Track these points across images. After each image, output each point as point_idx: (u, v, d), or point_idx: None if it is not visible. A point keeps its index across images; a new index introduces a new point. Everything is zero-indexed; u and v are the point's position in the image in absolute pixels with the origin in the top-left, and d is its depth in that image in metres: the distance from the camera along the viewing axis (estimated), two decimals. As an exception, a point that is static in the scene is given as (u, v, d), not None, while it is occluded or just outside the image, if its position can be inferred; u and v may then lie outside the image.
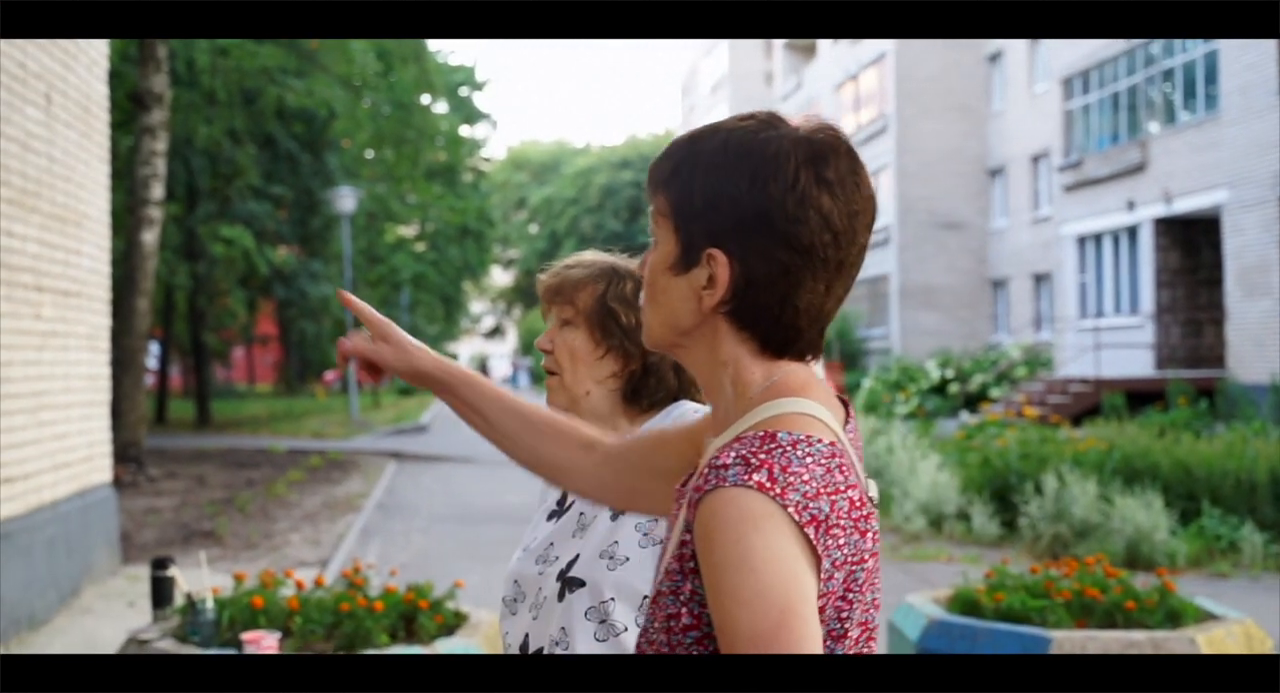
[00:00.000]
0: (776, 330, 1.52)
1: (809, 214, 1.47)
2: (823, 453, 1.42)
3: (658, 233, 1.56)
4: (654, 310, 1.56)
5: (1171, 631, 5.23)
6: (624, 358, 2.52)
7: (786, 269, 1.48)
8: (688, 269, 1.52)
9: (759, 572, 1.34)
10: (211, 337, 31.98)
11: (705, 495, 1.40)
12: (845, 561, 1.41)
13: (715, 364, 1.55)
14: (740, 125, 1.52)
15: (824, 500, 1.39)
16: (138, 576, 9.81)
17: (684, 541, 1.45)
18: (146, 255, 15.99)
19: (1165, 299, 23.39)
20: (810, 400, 1.50)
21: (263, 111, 24.34)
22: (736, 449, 1.41)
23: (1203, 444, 12.08)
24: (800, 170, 1.48)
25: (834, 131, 1.52)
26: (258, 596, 5.25)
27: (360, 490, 15.48)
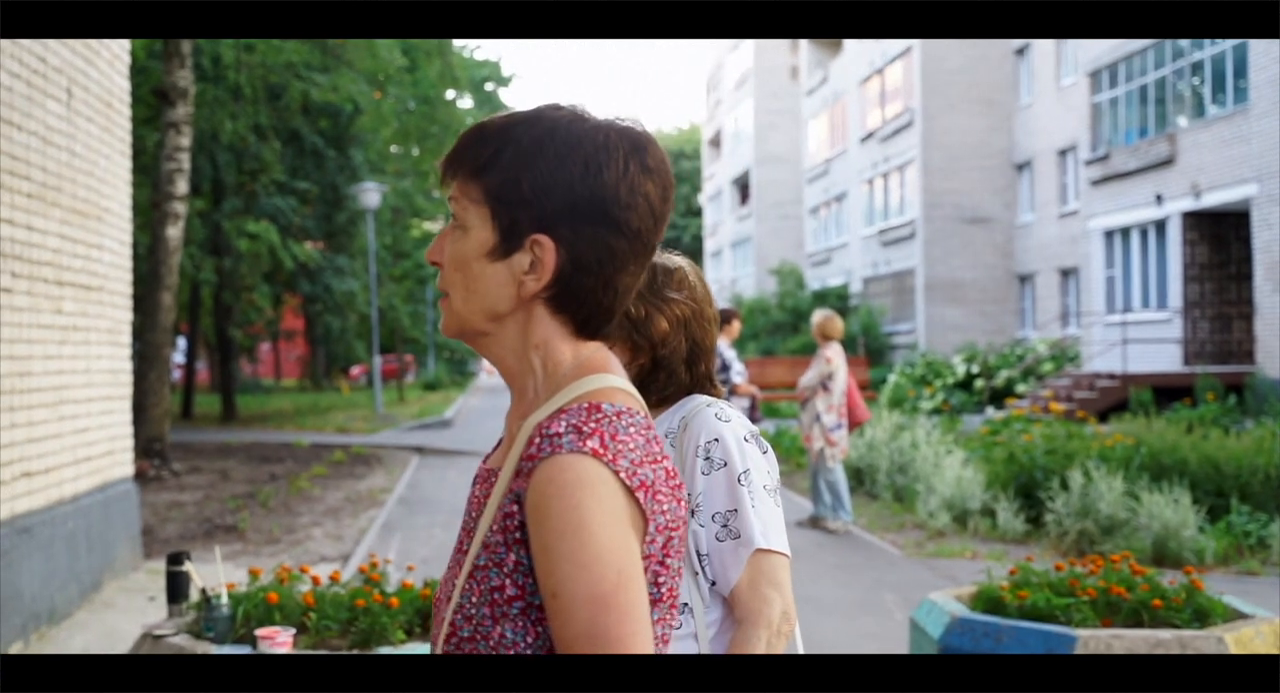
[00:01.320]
0: (596, 313, 1.56)
1: (638, 200, 1.53)
2: (641, 424, 1.49)
3: (464, 218, 1.55)
4: (466, 297, 1.56)
5: (1199, 630, 5.15)
6: (631, 351, 2.49)
7: (614, 253, 1.53)
8: (507, 255, 1.53)
9: (597, 535, 1.38)
10: (237, 332, 32.07)
11: (540, 462, 1.43)
12: (666, 525, 1.48)
13: (526, 347, 1.57)
14: (559, 115, 1.55)
15: (647, 468, 1.45)
16: (159, 570, 9.81)
17: (509, 511, 1.46)
18: (171, 250, 16.01)
19: (1193, 294, 23.20)
20: (618, 377, 1.55)
21: (288, 107, 24.37)
22: (565, 419, 1.45)
23: (1231, 440, 11.94)
24: (629, 159, 1.53)
25: (640, 124, 1.59)
26: (273, 592, 5.22)
27: (383, 485, 15.48)
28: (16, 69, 7.56)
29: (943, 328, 34.57)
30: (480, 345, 1.60)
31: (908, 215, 36.08)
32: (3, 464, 7.29)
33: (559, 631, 1.40)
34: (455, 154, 1.58)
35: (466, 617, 1.50)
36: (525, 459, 1.45)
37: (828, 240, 44.64)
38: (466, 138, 1.58)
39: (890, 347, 36.11)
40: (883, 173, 38.22)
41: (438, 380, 51.74)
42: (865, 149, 39.73)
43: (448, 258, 1.57)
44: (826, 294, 39.79)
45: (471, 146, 1.56)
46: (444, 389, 50.24)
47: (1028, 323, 34.34)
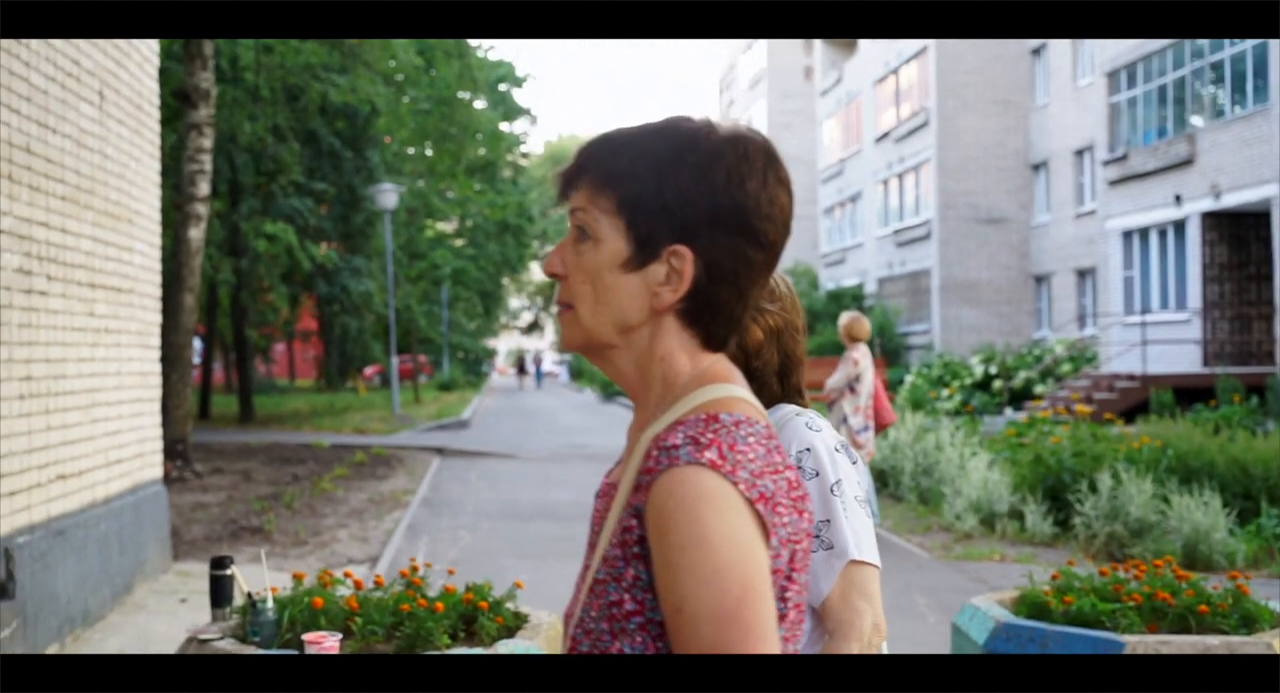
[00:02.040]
0: (726, 325, 1.55)
1: (775, 211, 1.52)
2: (762, 434, 1.46)
3: (595, 229, 1.53)
4: (595, 310, 1.54)
5: (1247, 636, 5.12)
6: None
7: (750, 265, 1.52)
8: (642, 266, 1.51)
9: (718, 549, 1.35)
10: (253, 332, 32.11)
11: (657, 476, 1.41)
12: (789, 538, 1.45)
13: (650, 360, 1.55)
14: (694, 126, 1.54)
15: (768, 479, 1.42)
16: (188, 572, 9.83)
17: (628, 526, 1.45)
18: (193, 252, 16.03)
19: (1213, 294, 23.12)
20: (740, 387, 1.53)
21: (306, 108, 24.40)
22: (683, 431, 1.43)
23: (1259, 442, 11.90)
24: (766, 170, 1.52)
25: (764, 135, 1.57)
26: (318, 596, 5.21)
27: (405, 486, 15.49)
28: (51, 72, 7.57)
29: (958, 329, 34.51)
30: (604, 358, 1.58)
31: (923, 216, 36.02)
32: (38, 467, 7.30)
33: (683, 647, 1.38)
34: (581, 164, 1.56)
35: (586, 631, 1.49)
36: (643, 473, 1.43)
37: (842, 241, 44.59)
38: (594, 148, 1.56)
39: (905, 347, 36.05)
40: (898, 173, 38.17)
41: (453, 381, 51.77)
42: (880, 149, 39.67)
43: (573, 269, 1.55)
44: (841, 295, 39.74)
45: (601, 156, 1.54)
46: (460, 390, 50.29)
47: (1044, 324, 34.27)
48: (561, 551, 10.70)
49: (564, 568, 9.77)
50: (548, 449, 21.74)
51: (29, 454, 7.17)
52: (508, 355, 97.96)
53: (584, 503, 13.96)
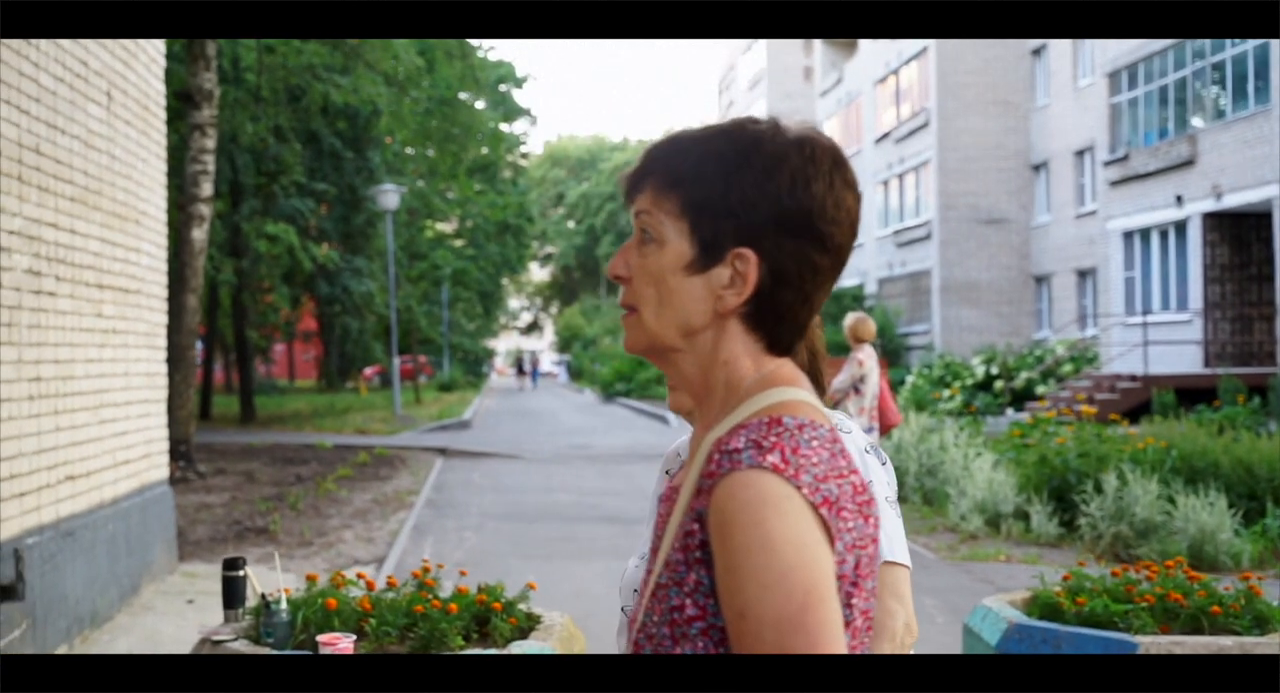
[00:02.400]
0: (789, 329, 1.54)
1: (841, 214, 1.51)
2: (826, 437, 1.44)
3: (659, 231, 1.52)
4: (659, 312, 1.53)
5: (1260, 636, 5.13)
6: None
7: (815, 268, 1.50)
8: (706, 268, 1.50)
9: (781, 554, 1.34)
10: (254, 332, 32.11)
11: (719, 480, 1.39)
12: (854, 544, 1.43)
13: (713, 364, 1.54)
14: (760, 128, 1.52)
15: (832, 483, 1.40)
16: (194, 573, 9.83)
17: (690, 530, 1.43)
18: (196, 252, 16.04)
19: (1214, 295, 23.14)
20: (803, 390, 1.51)
21: (307, 109, 24.40)
22: (744, 434, 1.42)
23: (1263, 443, 11.91)
24: (833, 172, 1.51)
25: (829, 137, 1.55)
26: (331, 597, 5.21)
27: (409, 487, 15.49)
28: (60, 72, 7.58)
29: (958, 329, 34.52)
30: (668, 361, 1.57)
31: (923, 216, 36.03)
32: (47, 468, 7.30)
33: (746, 653, 1.36)
34: (646, 166, 1.55)
35: (648, 636, 1.48)
36: (705, 477, 1.42)
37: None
38: (660, 150, 1.55)
39: (906, 348, 36.07)
40: (898, 174, 38.18)
41: (453, 381, 51.78)
42: (880, 150, 39.68)
43: (637, 272, 1.54)
44: (842, 295, 39.75)
45: (667, 158, 1.53)
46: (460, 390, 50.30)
47: (1044, 324, 34.28)
48: (567, 552, 10.71)
49: (570, 569, 9.78)
50: (550, 450, 21.74)
51: (38, 455, 7.17)
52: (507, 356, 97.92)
53: (588, 504, 13.97)
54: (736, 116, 1.56)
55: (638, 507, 13.51)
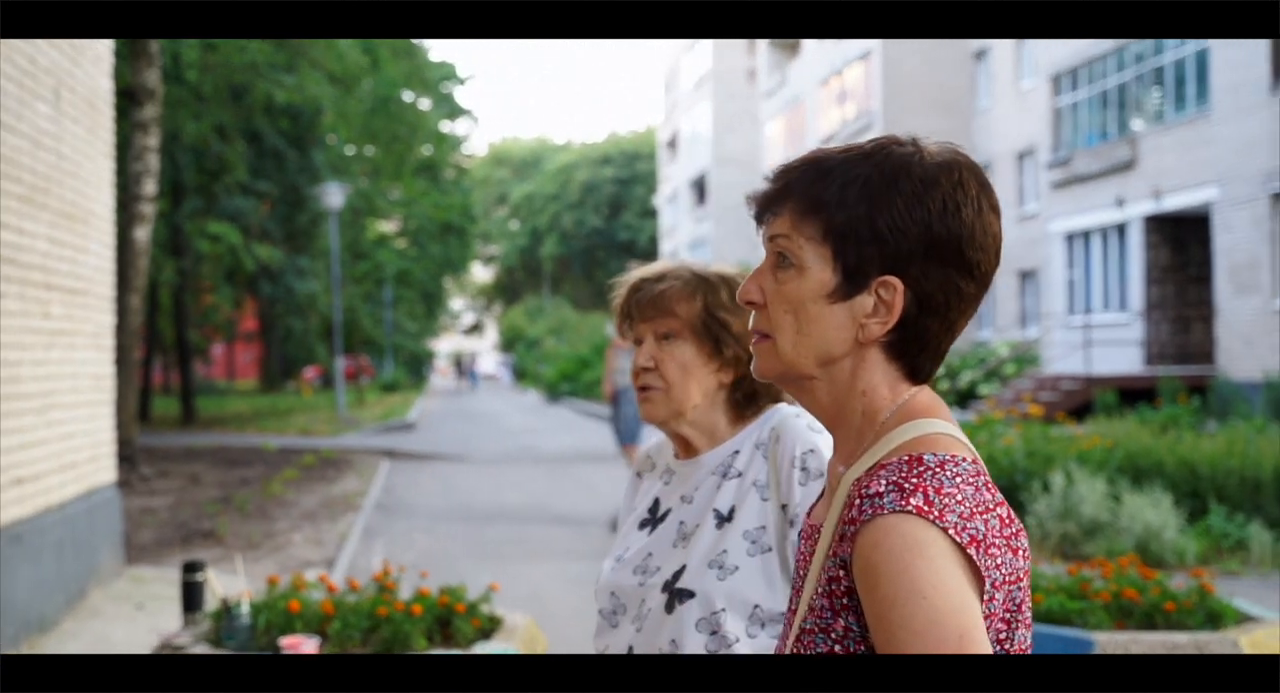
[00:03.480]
0: (931, 358, 1.49)
1: (989, 240, 1.46)
2: (969, 472, 1.39)
3: (799, 257, 1.47)
4: (797, 341, 1.48)
5: (1214, 632, 5.21)
6: (734, 367, 2.48)
7: (961, 296, 1.46)
8: (850, 297, 1.45)
9: (930, 600, 1.30)
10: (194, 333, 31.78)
11: (862, 526, 1.36)
12: (1004, 581, 1.38)
13: (851, 394, 1.49)
14: (905, 150, 1.47)
15: (978, 520, 1.35)
16: (143, 577, 9.72)
17: (834, 577, 1.40)
18: (139, 252, 15.85)
19: (1155, 296, 23.45)
20: (944, 421, 1.47)
21: (250, 107, 24.19)
22: (884, 476, 1.38)
23: (1205, 442, 12.08)
24: (980, 197, 1.46)
25: (972, 159, 1.50)
26: (294, 599, 5.18)
27: (357, 489, 15.40)
28: (9, 70, 7.47)
29: (902, 329, 34.72)
30: (802, 389, 1.52)
31: (867, 218, 36.20)
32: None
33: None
34: (783, 188, 1.50)
35: None
36: (847, 523, 1.38)
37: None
38: (799, 172, 1.50)
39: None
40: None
41: (396, 382, 51.51)
42: (824, 151, 39.82)
43: (773, 298, 1.49)
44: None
45: (807, 181, 1.48)
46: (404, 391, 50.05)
47: (986, 324, 34.59)
48: (520, 553, 10.69)
49: (524, 571, 9.76)
50: (497, 452, 21.69)
51: (-14, 458, 7.07)
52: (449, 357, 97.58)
53: (538, 506, 13.95)
54: (878, 137, 1.51)
55: (589, 508, 13.51)
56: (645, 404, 2.49)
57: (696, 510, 2.43)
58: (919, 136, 1.51)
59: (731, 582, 2.31)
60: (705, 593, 2.30)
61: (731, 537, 2.35)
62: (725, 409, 2.49)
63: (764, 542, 2.34)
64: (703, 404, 2.47)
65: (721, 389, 2.48)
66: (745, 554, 2.33)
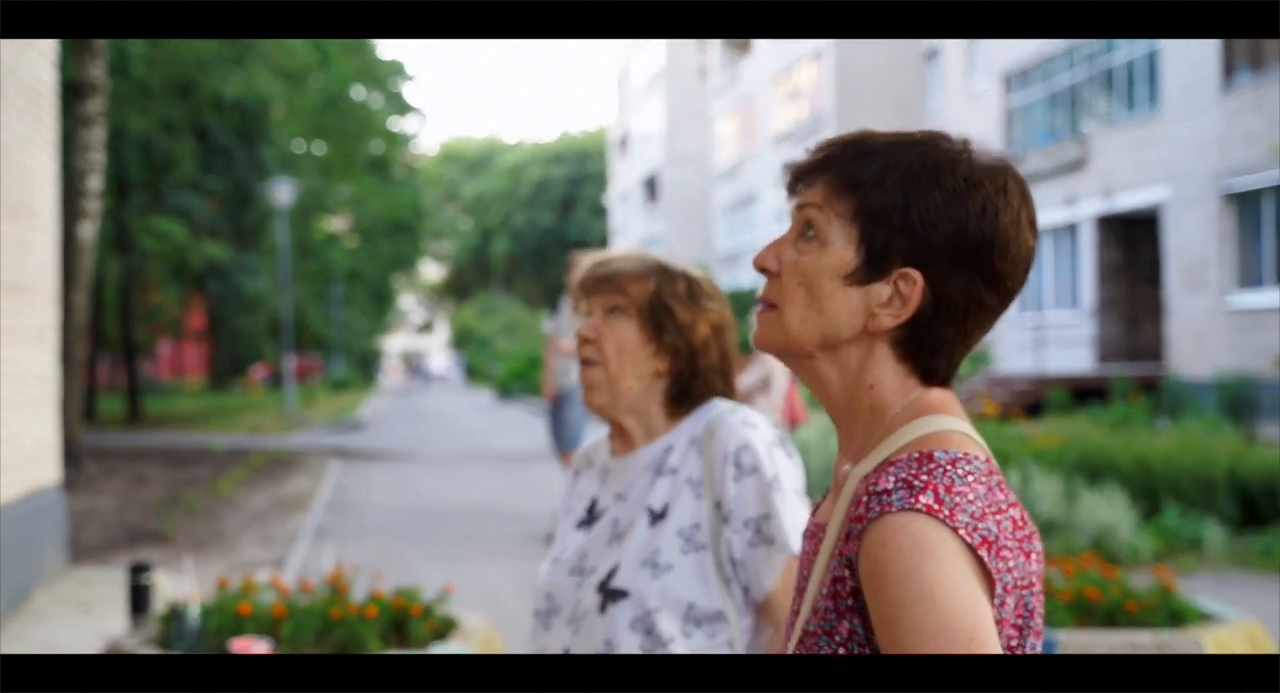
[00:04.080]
0: (941, 364, 1.43)
1: (1021, 256, 1.40)
2: (982, 471, 1.34)
3: (824, 230, 1.42)
4: (804, 316, 1.42)
5: (1176, 631, 5.18)
6: (672, 357, 2.45)
7: (982, 306, 1.40)
8: (868, 282, 1.40)
9: (940, 602, 1.24)
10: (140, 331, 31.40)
11: (869, 525, 1.30)
12: (1015, 585, 1.32)
13: (857, 385, 1.43)
14: (953, 147, 1.42)
15: (990, 520, 1.30)
16: (88, 578, 9.53)
17: (840, 577, 1.34)
18: (84, 249, 15.59)
19: (1106, 295, 23.61)
20: (956, 418, 1.41)
21: (198, 102, 23.91)
22: (894, 473, 1.32)
23: (1159, 440, 12.14)
24: (1021, 208, 1.40)
25: (1019, 171, 1.45)
26: (245, 601, 5.06)
27: (307, 489, 15.22)
28: (-51, 60, 7.29)
29: (854, 328, 34.86)
30: (801, 367, 1.47)
31: (819, 217, 36.31)
32: (-64, 471, 7.02)
33: None
34: (824, 161, 1.45)
35: None
36: (853, 520, 1.33)
37: (738, 241, 44.84)
38: (841, 147, 1.45)
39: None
40: (794, 174, 38.43)
41: (346, 381, 51.19)
42: (777, 150, 39.94)
43: (790, 268, 1.44)
44: (740, 295, 39.94)
45: (849, 157, 1.43)
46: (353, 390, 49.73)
47: (937, 324, 34.76)
48: (474, 553, 10.58)
49: (478, 570, 9.65)
50: (449, 451, 21.54)
51: (-74, 458, 6.89)
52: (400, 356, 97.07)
53: (491, 505, 13.83)
54: (929, 130, 1.46)
55: (542, 507, 13.40)
56: (588, 391, 2.47)
57: (630, 508, 2.41)
58: (969, 139, 1.45)
59: (665, 581, 2.29)
60: (638, 592, 2.28)
61: (665, 535, 2.33)
62: (662, 403, 2.47)
63: (697, 539, 2.32)
64: (639, 390, 2.45)
65: (658, 379, 2.45)
66: (679, 552, 2.31)
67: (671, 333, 2.43)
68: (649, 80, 56.05)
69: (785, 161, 1.52)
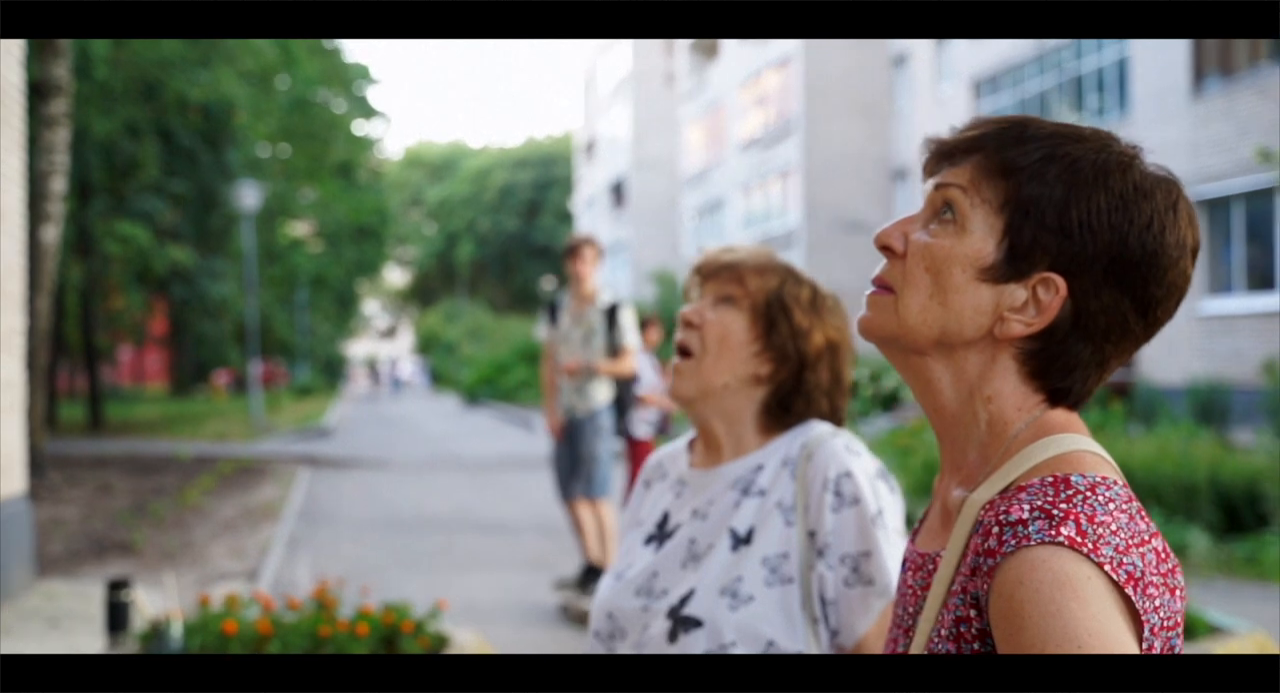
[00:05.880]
0: (1074, 388, 1.27)
1: (1178, 283, 1.25)
2: (1122, 498, 1.19)
3: (965, 214, 1.27)
4: (925, 306, 1.27)
5: (1188, 644, 5.07)
6: (778, 363, 2.23)
7: (1126, 330, 1.25)
8: (1004, 280, 1.25)
9: (1087, 648, 1.10)
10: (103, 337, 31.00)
11: (1004, 559, 1.14)
12: (1162, 625, 1.18)
13: (973, 395, 1.28)
14: (1124, 150, 1.26)
15: (1135, 554, 1.16)
16: (55, 592, 9.28)
17: (965, 617, 1.19)
18: (47, 253, 15.29)
19: (1075, 301, 23.65)
20: (1086, 437, 1.26)
21: (163, 104, 23.60)
22: (1027, 500, 1.17)
23: (1138, 447, 12.08)
24: (1188, 229, 1.25)
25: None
26: (229, 619, 4.88)
27: (277, 497, 14.97)
28: (-86, 58, 7.06)
29: (822, 334, 34.83)
30: (907, 364, 1.32)
31: (789, 223, 36.29)
32: (-100, 483, 6.78)
33: None
34: (977, 139, 1.29)
35: None
36: (984, 555, 1.18)
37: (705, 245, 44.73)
38: (999, 128, 1.29)
39: (770, 353, 36.30)
40: (761, 178, 38.41)
41: (311, 386, 50.80)
42: (745, 155, 39.89)
43: (916, 250, 1.29)
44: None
45: (1009, 140, 1.27)
46: (318, 396, 49.35)
47: (906, 329, 34.80)
48: (450, 563, 10.39)
49: (455, 581, 9.46)
50: (419, 458, 21.32)
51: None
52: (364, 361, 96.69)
53: (465, 514, 13.63)
54: (1095, 127, 1.30)
55: (517, 516, 13.24)
56: (675, 377, 2.24)
57: (710, 528, 2.18)
58: (1139, 146, 1.29)
59: (745, 613, 2.07)
60: (714, 623, 2.06)
61: (749, 562, 2.11)
62: (757, 413, 2.25)
63: (785, 571, 2.10)
64: (733, 391, 2.23)
65: (758, 385, 2.23)
66: (763, 584, 2.09)
67: (783, 336, 2.23)
68: (616, 85, 55.93)
69: (927, 136, 1.35)
